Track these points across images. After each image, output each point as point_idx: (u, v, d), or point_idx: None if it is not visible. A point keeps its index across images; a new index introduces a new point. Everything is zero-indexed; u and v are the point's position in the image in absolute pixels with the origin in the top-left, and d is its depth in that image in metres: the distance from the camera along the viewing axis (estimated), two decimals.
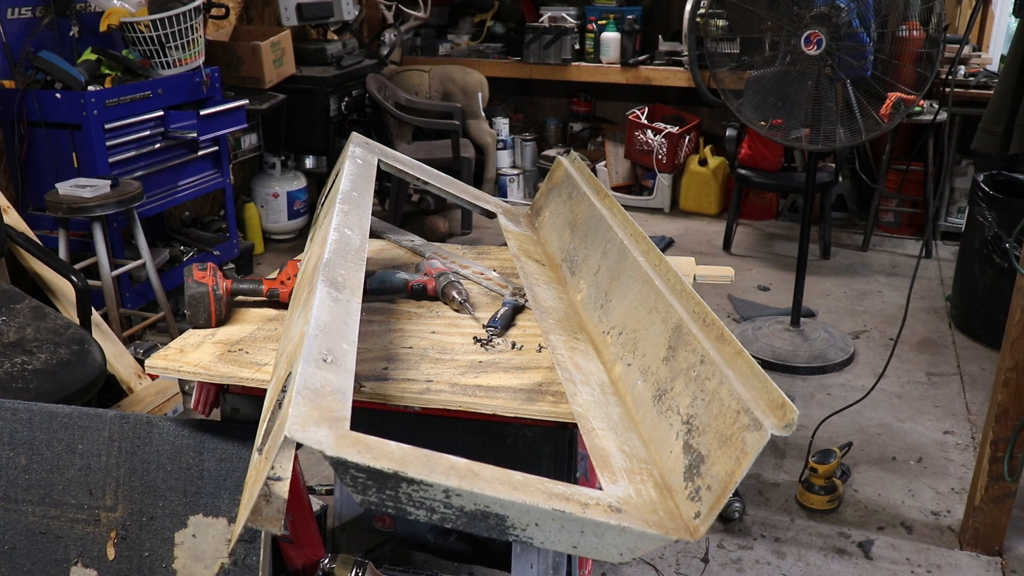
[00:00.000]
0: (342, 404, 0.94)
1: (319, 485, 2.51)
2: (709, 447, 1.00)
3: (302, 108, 4.53)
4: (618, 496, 0.98)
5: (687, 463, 1.03)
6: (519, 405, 1.22)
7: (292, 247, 4.69)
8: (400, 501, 0.88)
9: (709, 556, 2.30)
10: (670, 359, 1.18)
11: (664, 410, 1.13)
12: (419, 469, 0.87)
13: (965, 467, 2.70)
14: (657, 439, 1.11)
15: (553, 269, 1.70)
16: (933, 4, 2.83)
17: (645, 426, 1.16)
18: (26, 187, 3.35)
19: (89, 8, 3.52)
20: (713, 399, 1.04)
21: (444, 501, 0.89)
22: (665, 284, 1.30)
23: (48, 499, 1.36)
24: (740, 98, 3.13)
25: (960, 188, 4.80)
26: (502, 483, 0.91)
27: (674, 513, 0.99)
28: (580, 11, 5.27)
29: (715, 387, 1.05)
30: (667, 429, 1.10)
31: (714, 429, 1.01)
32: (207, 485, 1.33)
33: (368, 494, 0.87)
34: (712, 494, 0.96)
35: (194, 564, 1.33)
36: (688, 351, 1.14)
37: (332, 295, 1.14)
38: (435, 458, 0.90)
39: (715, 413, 1.03)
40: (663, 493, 1.02)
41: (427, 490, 0.88)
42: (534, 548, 1.34)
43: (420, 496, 0.89)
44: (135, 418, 1.36)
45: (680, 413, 1.09)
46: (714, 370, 1.07)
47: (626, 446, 1.12)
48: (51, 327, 2.24)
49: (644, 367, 1.23)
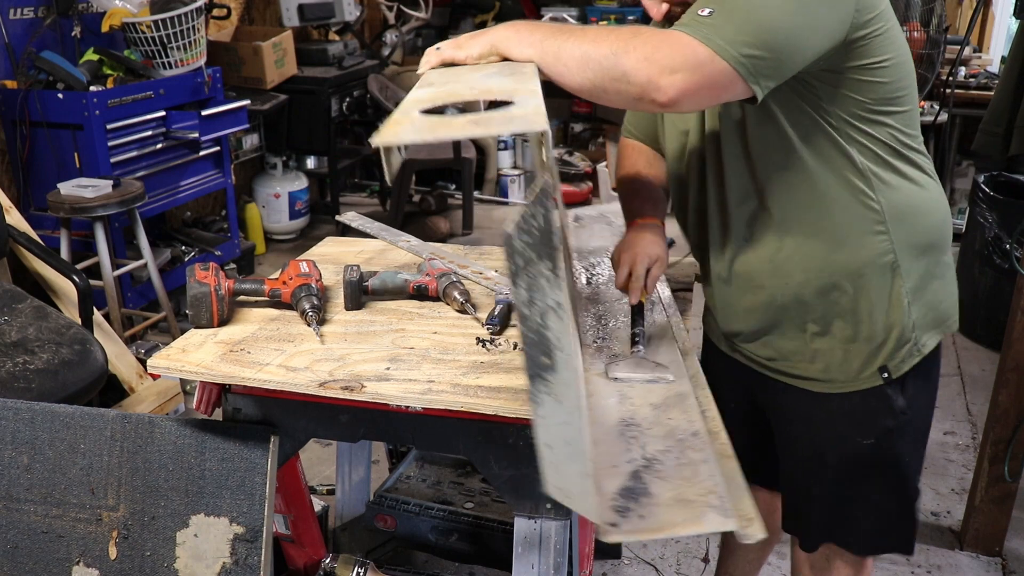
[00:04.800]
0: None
1: (320, 485, 2.51)
2: (662, 492, 1.05)
3: (303, 108, 4.53)
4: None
5: (628, 485, 1.07)
6: (521, 406, 1.22)
7: (293, 247, 4.69)
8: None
9: (709, 556, 2.30)
10: (659, 408, 1.24)
11: (628, 437, 1.18)
12: None
13: (965, 467, 2.70)
14: (605, 449, 1.15)
15: None
16: (934, 5, 2.83)
17: (598, 431, 1.19)
18: (28, 187, 3.36)
19: (91, 8, 3.52)
20: (690, 466, 1.09)
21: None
22: (684, 342, 1.39)
23: (50, 498, 1.37)
24: None
25: (961, 189, 4.80)
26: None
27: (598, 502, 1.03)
28: (581, 12, 5.28)
29: (698, 459, 1.10)
30: (620, 450, 1.15)
31: (675, 485, 1.06)
32: (209, 485, 1.33)
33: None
34: (644, 525, 1.00)
35: (196, 564, 1.33)
36: (681, 416, 1.21)
37: None
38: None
39: (685, 476, 1.07)
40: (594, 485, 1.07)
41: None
42: (535, 549, 1.34)
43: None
44: (137, 418, 1.37)
45: (644, 450, 1.14)
46: (704, 446, 1.12)
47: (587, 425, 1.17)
48: (53, 327, 2.24)
49: (624, 393, 1.30)
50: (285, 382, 1.26)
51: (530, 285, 0.86)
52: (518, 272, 0.85)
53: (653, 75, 1.06)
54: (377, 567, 1.70)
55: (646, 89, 1.07)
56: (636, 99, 1.09)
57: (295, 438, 1.38)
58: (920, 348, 1.38)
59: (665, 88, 1.06)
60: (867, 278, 1.32)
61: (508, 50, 1.15)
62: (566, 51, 1.10)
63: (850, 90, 1.23)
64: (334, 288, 1.59)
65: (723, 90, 1.11)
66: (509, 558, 1.38)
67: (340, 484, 2.07)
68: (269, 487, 1.32)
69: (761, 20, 1.09)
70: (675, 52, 1.06)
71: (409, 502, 2.00)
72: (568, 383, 0.90)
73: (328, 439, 2.54)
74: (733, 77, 1.08)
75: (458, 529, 1.94)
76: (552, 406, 0.90)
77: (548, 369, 0.89)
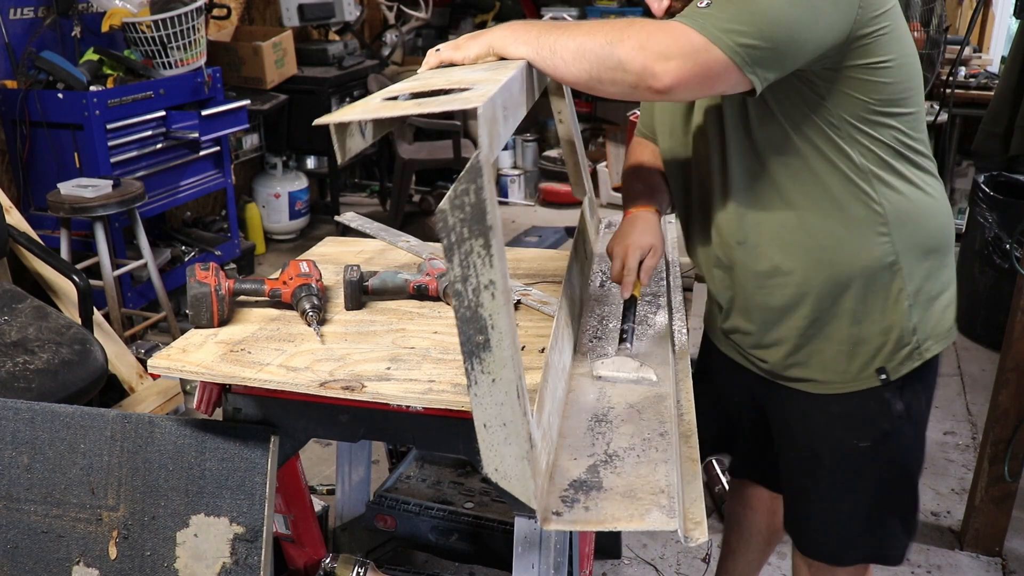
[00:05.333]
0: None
1: (320, 485, 2.51)
2: (612, 487, 1.07)
3: (303, 108, 4.53)
4: (535, 436, 1.03)
5: (582, 478, 1.09)
6: None
7: (293, 247, 4.69)
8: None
9: (710, 557, 2.30)
10: (633, 407, 1.25)
11: (595, 432, 1.20)
12: None
13: (965, 467, 2.70)
14: (569, 441, 1.18)
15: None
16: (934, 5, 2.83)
17: (568, 425, 1.22)
18: (28, 187, 3.36)
19: (91, 8, 3.52)
20: (646, 462, 1.11)
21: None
22: (680, 346, 1.39)
23: (50, 498, 1.37)
24: None
25: (961, 189, 4.80)
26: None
27: (543, 492, 1.04)
28: (581, 12, 5.27)
29: (658, 459, 1.12)
30: (585, 444, 1.17)
31: (628, 481, 1.08)
32: (209, 485, 1.33)
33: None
34: (588, 517, 1.03)
35: (196, 563, 1.33)
36: (654, 416, 1.23)
37: None
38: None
39: (641, 473, 1.09)
40: (546, 473, 1.09)
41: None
42: (535, 548, 1.34)
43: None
44: (137, 418, 1.37)
45: (607, 445, 1.16)
46: (668, 447, 1.14)
47: (552, 417, 1.18)
48: (53, 327, 2.24)
49: (603, 389, 1.31)
50: (285, 382, 1.26)
51: (463, 262, 0.87)
52: (451, 248, 0.87)
53: (648, 62, 1.06)
54: (377, 567, 1.70)
55: (642, 76, 1.07)
56: (632, 87, 1.09)
57: (295, 438, 1.38)
58: (921, 352, 1.37)
59: (660, 75, 1.06)
60: (868, 279, 1.32)
61: (504, 49, 1.15)
62: (561, 44, 1.11)
63: (852, 89, 1.22)
64: (334, 288, 1.59)
65: (719, 79, 1.11)
66: (509, 558, 1.38)
67: (340, 484, 2.07)
68: (269, 487, 1.32)
69: (759, 10, 1.09)
70: (670, 40, 1.07)
71: (409, 502, 2.00)
72: (503, 362, 0.91)
73: (328, 439, 2.54)
74: (728, 66, 1.08)
75: (458, 529, 1.94)
76: (487, 385, 0.92)
77: (482, 347, 0.90)
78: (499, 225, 0.89)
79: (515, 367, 0.92)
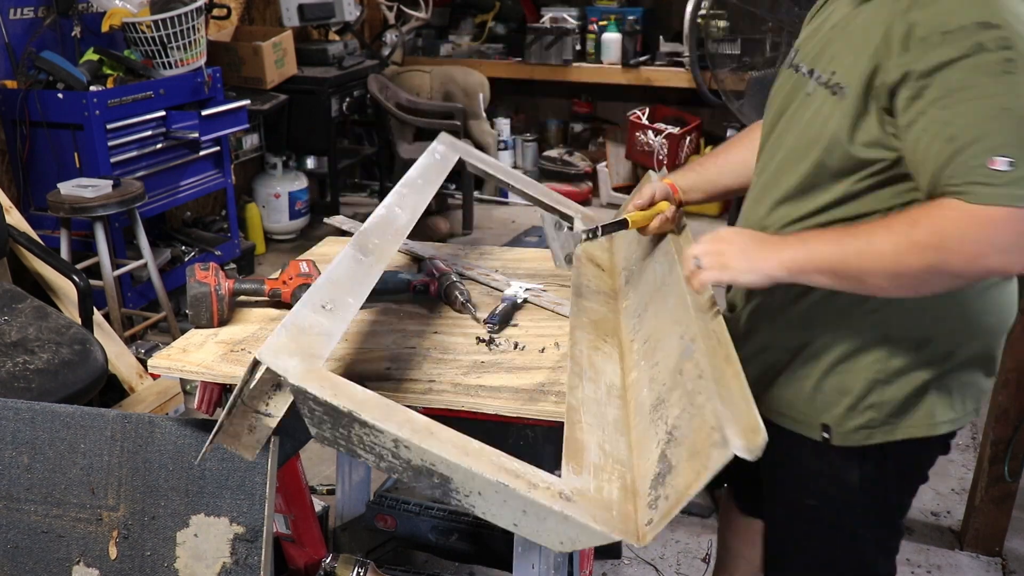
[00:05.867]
0: (324, 345, 0.99)
1: (320, 485, 2.51)
2: (679, 459, 1.01)
3: (304, 108, 4.53)
4: (574, 487, 0.99)
5: (657, 471, 1.03)
6: (521, 405, 1.22)
7: (293, 247, 4.69)
8: (351, 441, 0.92)
9: (710, 556, 2.30)
10: (676, 371, 1.18)
11: (656, 419, 1.13)
12: (375, 414, 0.91)
13: (965, 467, 2.70)
14: (642, 446, 1.12)
15: (612, 276, 1.70)
16: None
17: (636, 432, 1.16)
18: (28, 187, 3.36)
19: (91, 8, 3.52)
20: (697, 414, 1.04)
21: (392, 450, 0.93)
22: (694, 300, 1.28)
23: (50, 498, 1.37)
24: (741, 99, 3.14)
25: None
26: (455, 446, 0.94)
27: (629, 516, 0.99)
28: (581, 12, 5.27)
29: (703, 402, 1.05)
30: (652, 437, 1.10)
31: (689, 442, 1.01)
32: (209, 485, 1.33)
33: (323, 428, 0.92)
34: (667, 503, 0.96)
35: (196, 563, 1.33)
36: (692, 365, 1.14)
37: (356, 257, 1.20)
38: (395, 409, 0.94)
39: (695, 427, 1.03)
40: (626, 495, 1.02)
41: (378, 436, 0.92)
42: (535, 548, 1.34)
43: (371, 440, 0.92)
44: (137, 418, 1.37)
45: (667, 423, 1.09)
46: (707, 387, 1.07)
47: (608, 445, 1.12)
48: (53, 327, 2.24)
49: (653, 376, 1.23)
50: None
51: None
52: None
53: (991, 265, 1.01)
54: (377, 567, 1.70)
55: (982, 276, 1.06)
56: (968, 286, 1.10)
57: (295, 438, 1.38)
58: (892, 430, 1.25)
59: (1006, 268, 1.02)
60: (849, 328, 1.24)
61: (798, 277, 1.13)
62: (867, 271, 1.07)
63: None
64: None
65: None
66: (509, 558, 1.39)
67: (340, 484, 2.07)
68: (269, 487, 1.32)
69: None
70: (1003, 233, 0.98)
71: (409, 502, 2.00)
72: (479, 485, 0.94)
73: None
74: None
75: (458, 529, 1.94)
76: (480, 507, 0.95)
77: (446, 487, 0.95)
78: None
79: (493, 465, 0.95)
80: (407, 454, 0.92)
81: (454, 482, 0.93)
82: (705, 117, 5.31)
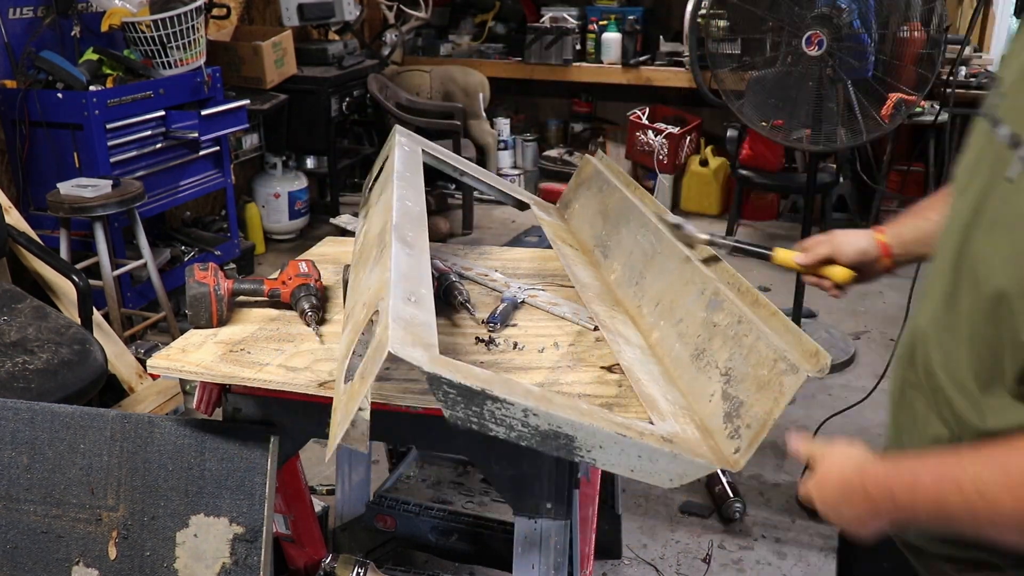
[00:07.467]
0: (430, 334, 1.05)
1: (320, 485, 2.51)
2: (747, 393, 1.14)
3: (303, 108, 4.53)
4: (668, 431, 1.12)
5: (726, 409, 1.16)
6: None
7: (293, 247, 4.69)
8: (484, 417, 1.00)
9: (710, 557, 2.30)
10: (707, 322, 1.30)
11: (703, 366, 1.26)
12: (502, 389, 1.00)
13: None
14: (695, 391, 1.25)
15: (586, 254, 1.81)
16: (934, 5, 2.83)
17: (683, 381, 1.29)
18: (27, 187, 3.35)
19: (91, 8, 3.52)
20: (751, 352, 1.17)
21: (522, 419, 1.01)
22: (700, 260, 1.43)
23: (50, 498, 1.37)
24: (741, 99, 3.13)
25: None
26: (572, 409, 1.04)
27: (716, 449, 1.12)
28: (581, 11, 5.27)
29: (753, 342, 1.18)
30: (705, 382, 1.23)
31: (752, 377, 1.15)
32: (208, 485, 1.33)
33: (456, 409, 1.00)
34: (751, 431, 1.10)
35: (195, 564, 1.33)
36: (725, 314, 1.27)
37: (405, 251, 1.24)
38: (515, 384, 1.04)
39: (753, 363, 1.16)
40: (704, 434, 1.16)
41: (509, 408, 1.00)
42: (535, 548, 1.34)
43: (502, 413, 1.00)
44: (136, 418, 1.36)
45: (719, 367, 1.22)
46: (751, 327, 1.20)
47: (668, 396, 1.25)
48: (52, 327, 2.24)
49: (681, 332, 1.36)
50: (285, 382, 1.26)
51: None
52: None
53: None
54: (377, 567, 1.70)
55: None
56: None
57: (295, 438, 1.38)
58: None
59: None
60: None
61: (902, 522, 0.90)
62: (992, 532, 0.82)
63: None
64: (334, 288, 1.59)
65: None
66: (509, 558, 1.38)
67: (340, 484, 2.07)
68: (269, 487, 1.32)
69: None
70: None
71: (409, 502, 2.00)
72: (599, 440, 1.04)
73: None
74: None
75: (458, 529, 1.94)
76: (602, 456, 1.05)
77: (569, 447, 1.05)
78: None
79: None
80: (536, 421, 1.01)
81: (578, 440, 1.03)
82: (705, 117, 5.31)
